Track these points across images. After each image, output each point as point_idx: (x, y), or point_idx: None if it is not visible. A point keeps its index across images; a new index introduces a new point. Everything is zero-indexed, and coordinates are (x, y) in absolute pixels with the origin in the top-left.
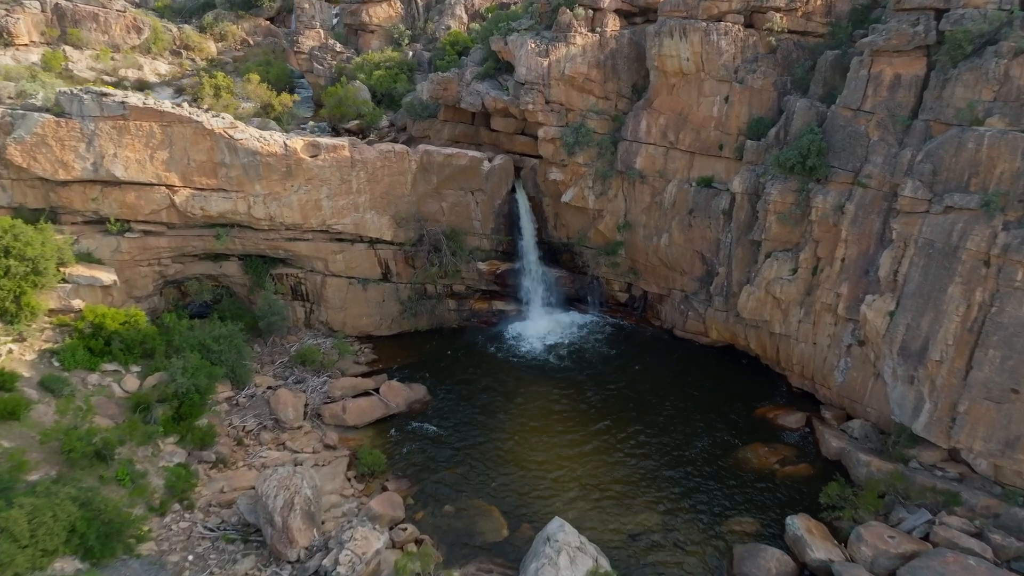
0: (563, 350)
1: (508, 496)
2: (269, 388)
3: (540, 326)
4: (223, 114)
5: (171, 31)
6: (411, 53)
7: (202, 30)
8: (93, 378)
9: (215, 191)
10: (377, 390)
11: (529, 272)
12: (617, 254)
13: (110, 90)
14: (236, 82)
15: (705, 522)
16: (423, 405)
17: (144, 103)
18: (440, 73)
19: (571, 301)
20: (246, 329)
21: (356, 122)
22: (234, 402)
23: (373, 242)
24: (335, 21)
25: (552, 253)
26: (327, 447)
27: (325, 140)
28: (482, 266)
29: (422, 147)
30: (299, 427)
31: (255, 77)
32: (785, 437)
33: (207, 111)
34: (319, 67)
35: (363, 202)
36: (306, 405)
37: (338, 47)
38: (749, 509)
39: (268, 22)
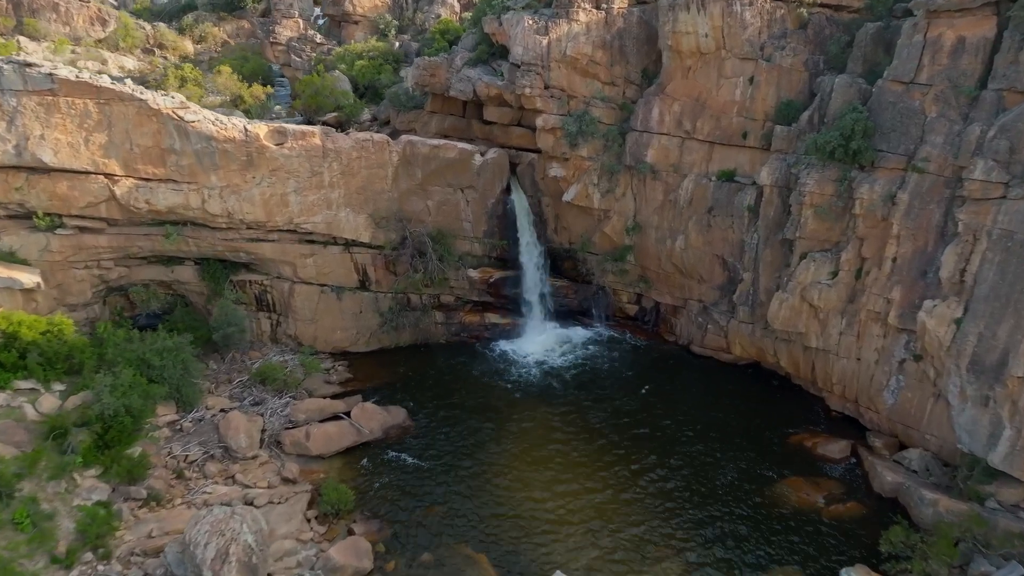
0: (565, 370)
1: (500, 542)
2: (222, 411)
3: (539, 342)
4: (173, 93)
5: (144, 28)
6: (398, 44)
7: (181, 32)
8: (1, 398)
9: (163, 182)
10: (348, 413)
11: (526, 281)
12: (625, 260)
13: (36, 60)
14: (207, 75)
15: (740, 575)
16: (402, 431)
17: (77, 76)
18: (427, 57)
19: (574, 314)
20: (201, 343)
21: (334, 114)
22: (178, 427)
23: (348, 244)
24: (320, 21)
25: (552, 260)
26: (285, 481)
27: (293, 126)
28: (473, 274)
29: (405, 137)
30: (253, 457)
31: (225, 69)
32: (828, 469)
33: (156, 91)
34: (297, 59)
35: (336, 198)
36: (263, 431)
37: (318, 38)
38: (793, 558)
39: (252, 25)
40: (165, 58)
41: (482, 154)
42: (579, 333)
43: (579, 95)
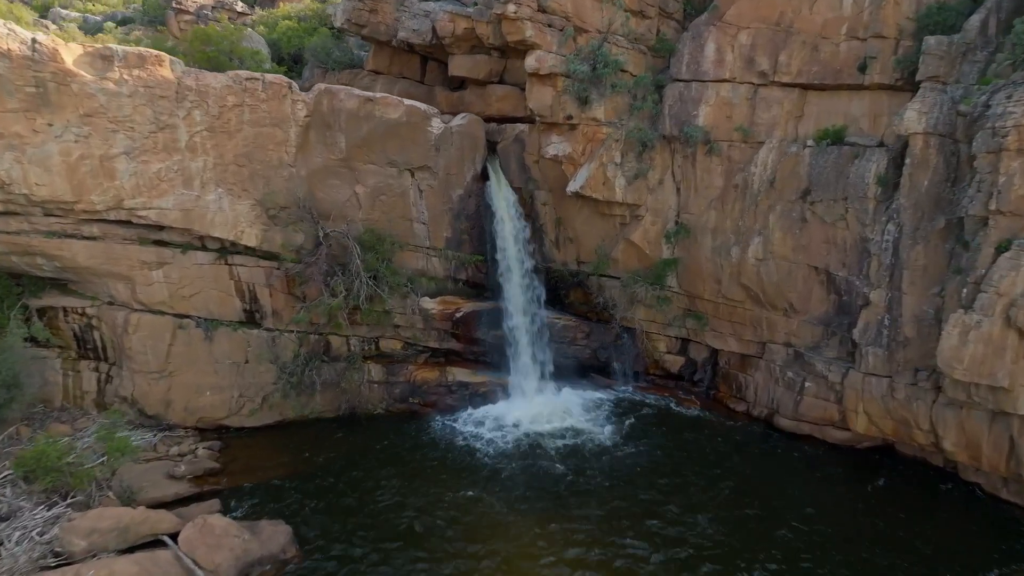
0: (572, 463)
1: None
2: None
3: (531, 415)
4: None
5: (47, 27)
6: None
7: None
8: None
9: None
10: (175, 536)
11: (512, 318)
12: (664, 285)
13: None
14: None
15: None
16: (276, 570)
17: None
18: None
19: (586, 370)
20: None
21: None
22: None
23: (226, 250)
24: None
25: (553, 287)
26: None
27: (125, 48)
28: (429, 305)
29: (321, 85)
30: None
31: (108, 38)
32: None
33: None
34: None
35: (201, 170)
36: None
37: (239, 6)
38: None
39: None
40: None
41: (443, 120)
42: (594, 401)
43: (591, 27)
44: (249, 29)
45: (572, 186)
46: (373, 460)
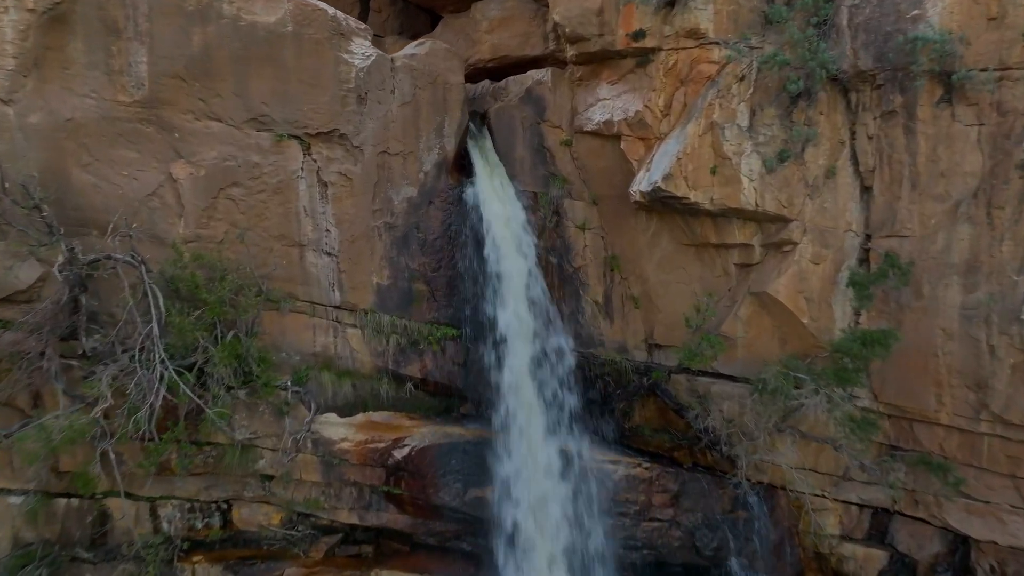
0: None
1: None
2: None
3: None
4: None
5: None
6: None
7: None
8: None
9: None
10: None
11: (517, 463)
12: (848, 391)
13: None
14: None
15: None
16: None
17: None
18: None
19: (672, 571)
20: None
21: None
22: None
23: None
24: None
25: (602, 395)
26: None
27: None
28: (338, 432)
29: None
30: None
31: None
32: None
33: None
34: None
35: None
36: None
37: None
38: None
39: None
40: None
41: (373, 41)
42: None
43: None
44: None
45: (643, 182)
46: None
